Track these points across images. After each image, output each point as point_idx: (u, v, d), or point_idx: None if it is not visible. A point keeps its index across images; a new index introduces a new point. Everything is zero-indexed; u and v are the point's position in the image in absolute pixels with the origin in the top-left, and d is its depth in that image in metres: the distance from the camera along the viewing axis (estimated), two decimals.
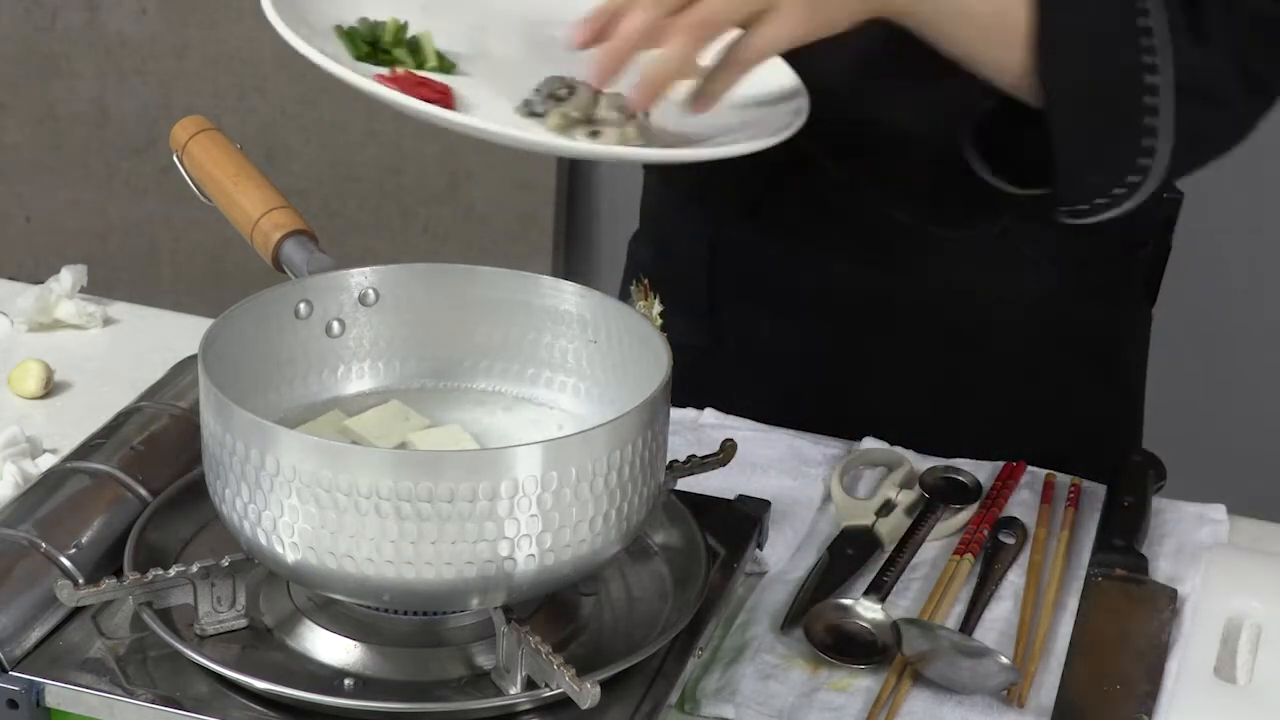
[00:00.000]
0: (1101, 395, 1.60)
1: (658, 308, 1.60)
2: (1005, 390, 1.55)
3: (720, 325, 1.59)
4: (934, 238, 1.48)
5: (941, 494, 1.37)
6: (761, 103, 1.31)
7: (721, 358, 1.58)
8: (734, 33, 1.20)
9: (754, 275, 1.57)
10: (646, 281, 1.64)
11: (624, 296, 1.63)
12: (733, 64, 1.21)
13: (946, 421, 1.51)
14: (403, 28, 1.33)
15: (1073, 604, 1.27)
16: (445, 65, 1.33)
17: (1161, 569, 1.32)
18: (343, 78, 1.21)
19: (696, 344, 1.13)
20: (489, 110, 1.27)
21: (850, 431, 1.47)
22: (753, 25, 1.19)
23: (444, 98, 1.27)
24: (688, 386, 1.23)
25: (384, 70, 1.28)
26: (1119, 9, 1.25)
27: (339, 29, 1.31)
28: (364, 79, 1.21)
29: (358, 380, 1.25)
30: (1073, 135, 1.28)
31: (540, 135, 1.23)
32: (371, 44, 1.31)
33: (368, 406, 1.23)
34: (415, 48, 1.32)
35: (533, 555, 1.04)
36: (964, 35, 1.28)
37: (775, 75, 1.32)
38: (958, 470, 1.39)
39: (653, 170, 1.67)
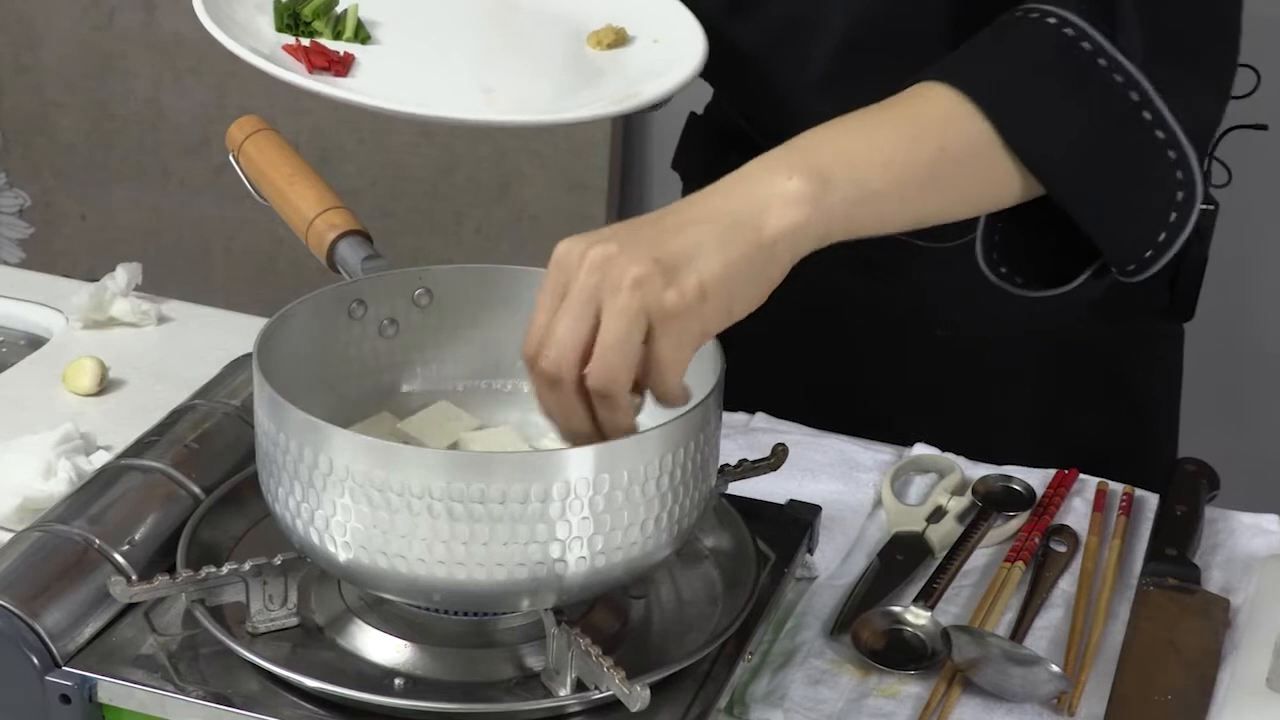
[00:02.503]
0: (1114, 412, 1.57)
1: None
2: (1010, 405, 1.54)
3: None
4: (929, 251, 1.44)
5: (994, 501, 1.36)
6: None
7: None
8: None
9: None
10: None
11: None
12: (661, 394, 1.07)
13: (949, 431, 1.49)
14: (332, 1, 1.41)
15: (1124, 613, 1.27)
16: (362, 36, 1.40)
17: (1214, 579, 1.31)
18: (231, 49, 1.31)
19: None
20: (386, 82, 1.35)
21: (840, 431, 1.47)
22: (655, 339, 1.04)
23: (337, 65, 1.35)
24: None
25: (292, 40, 1.38)
26: (1069, 71, 1.16)
27: (277, 1, 1.40)
28: (244, 49, 1.31)
29: (410, 380, 1.25)
30: (1101, 216, 1.19)
31: (404, 105, 1.31)
32: (294, 15, 1.39)
33: (420, 406, 1.23)
34: (339, 20, 1.40)
35: (584, 557, 1.04)
36: (914, 217, 1.16)
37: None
38: (1011, 478, 1.39)
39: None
